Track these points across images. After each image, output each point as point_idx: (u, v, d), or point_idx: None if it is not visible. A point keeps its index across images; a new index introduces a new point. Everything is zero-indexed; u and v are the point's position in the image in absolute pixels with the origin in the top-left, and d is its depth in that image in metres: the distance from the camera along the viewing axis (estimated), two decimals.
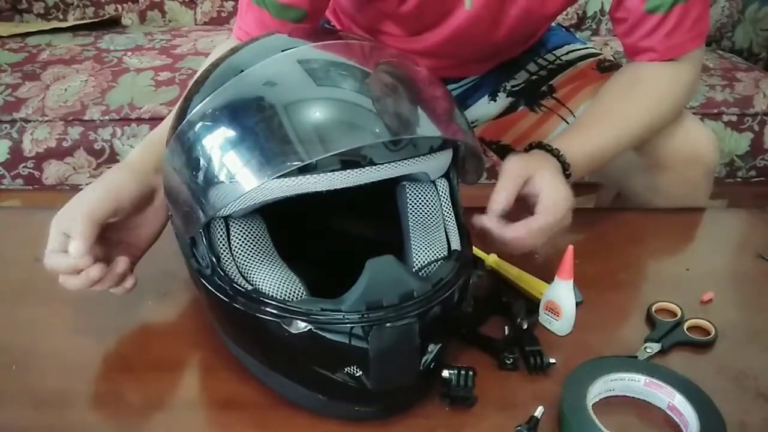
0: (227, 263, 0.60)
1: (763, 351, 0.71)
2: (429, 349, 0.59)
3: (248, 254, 0.60)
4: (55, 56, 1.63)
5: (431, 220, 0.66)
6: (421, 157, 0.62)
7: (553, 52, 1.11)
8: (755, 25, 1.88)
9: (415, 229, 0.65)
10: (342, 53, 0.63)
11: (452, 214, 0.68)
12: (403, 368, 0.57)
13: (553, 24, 1.16)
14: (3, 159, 1.45)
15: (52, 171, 1.46)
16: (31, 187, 1.48)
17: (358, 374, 0.56)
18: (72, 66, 1.58)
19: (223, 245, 0.60)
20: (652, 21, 0.87)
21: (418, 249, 0.64)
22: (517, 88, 1.10)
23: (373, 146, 0.59)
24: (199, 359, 0.68)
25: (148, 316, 0.73)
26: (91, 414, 0.62)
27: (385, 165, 0.60)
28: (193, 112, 0.60)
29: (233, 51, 0.66)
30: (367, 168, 0.59)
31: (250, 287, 0.59)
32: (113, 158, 1.46)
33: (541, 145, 0.81)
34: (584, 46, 1.12)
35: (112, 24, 1.89)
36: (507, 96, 1.11)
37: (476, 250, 0.82)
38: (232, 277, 0.60)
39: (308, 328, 0.56)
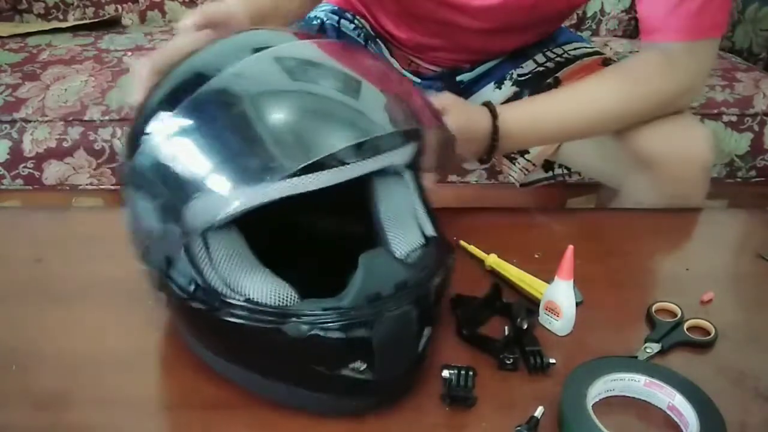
0: (210, 277, 0.59)
1: (763, 351, 0.71)
2: (423, 333, 0.60)
3: (233, 265, 0.59)
4: (55, 56, 1.63)
5: (403, 210, 0.67)
6: (389, 151, 0.63)
7: (562, 46, 1.12)
8: (755, 25, 1.88)
9: (389, 220, 0.66)
10: (308, 54, 0.64)
11: (420, 201, 0.68)
12: (404, 354, 0.59)
13: (561, 25, 1.17)
14: (3, 159, 1.45)
15: (52, 171, 1.46)
16: (31, 187, 1.48)
17: (361, 368, 0.57)
18: (72, 66, 1.58)
19: (203, 260, 0.59)
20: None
21: (397, 239, 0.65)
22: (523, 78, 1.11)
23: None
24: (199, 359, 0.68)
25: (149, 316, 0.73)
26: (91, 414, 0.62)
27: (355, 163, 0.59)
28: (163, 122, 0.58)
29: (196, 53, 0.65)
30: (337, 168, 0.58)
31: (242, 298, 0.58)
32: (113, 158, 1.46)
33: (487, 104, 0.89)
34: (591, 46, 1.14)
35: (112, 24, 1.89)
36: (512, 85, 1.11)
37: (476, 251, 0.82)
38: (220, 290, 0.58)
39: (312, 330, 0.55)
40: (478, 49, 1.10)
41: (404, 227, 0.66)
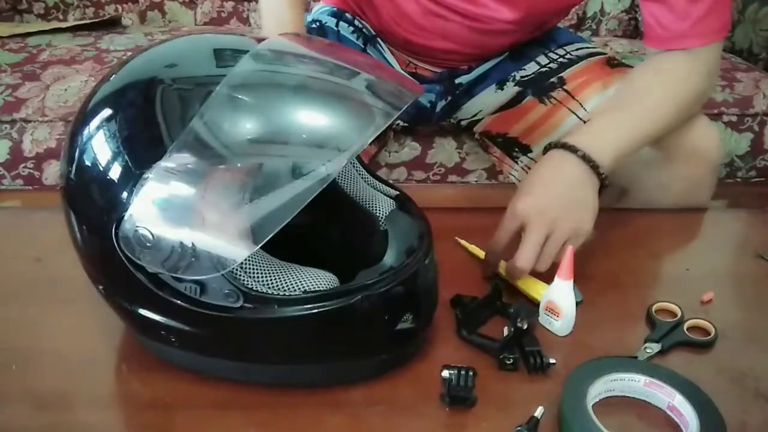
0: (253, 283, 0.58)
1: (763, 351, 0.71)
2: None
3: (266, 266, 0.59)
4: (55, 56, 1.63)
5: (363, 185, 0.72)
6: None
7: (564, 47, 1.12)
8: (755, 25, 1.88)
9: (361, 195, 0.71)
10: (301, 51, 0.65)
11: (366, 172, 0.73)
12: (435, 298, 0.66)
13: (560, 25, 1.16)
14: (3, 159, 1.45)
15: (52, 171, 1.46)
16: (31, 188, 1.48)
17: (409, 318, 0.62)
18: (72, 66, 1.58)
19: (244, 269, 0.58)
20: (680, 4, 0.87)
21: (378, 208, 0.70)
22: (526, 78, 1.11)
23: None
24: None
25: None
26: (91, 414, 0.62)
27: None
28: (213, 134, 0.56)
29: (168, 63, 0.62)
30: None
31: (299, 292, 0.58)
32: None
33: (565, 146, 0.80)
34: (593, 46, 1.14)
35: (112, 24, 1.89)
36: (515, 85, 1.11)
37: (476, 250, 0.82)
38: (270, 292, 0.58)
39: (377, 297, 0.59)
40: (475, 47, 1.10)
41: (375, 197, 0.71)
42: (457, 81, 1.15)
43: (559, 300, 0.70)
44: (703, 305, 0.77)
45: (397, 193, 0.73)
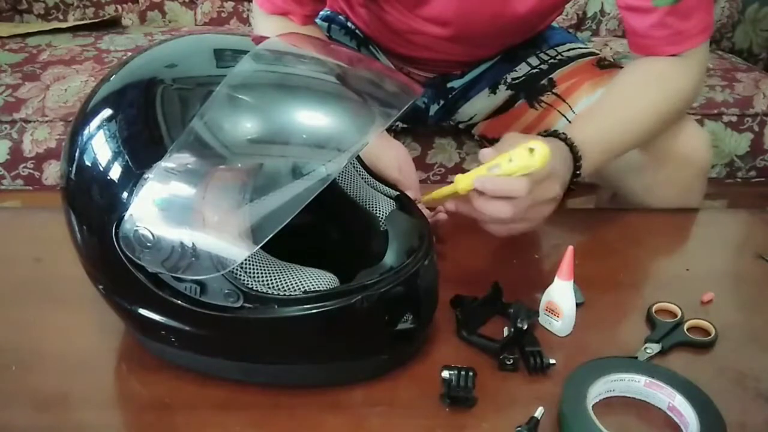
0: (254, 284, 0.58)
1: (763, 351, 0.71)
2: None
3: (267, 266, 0.59)
4: (55, 57, 1.63)
5: (363, 185, 0.72)
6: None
7: (555, 47, 1.11)
8: (755, 26, 1.88)
9: (361, 195, 0.71)
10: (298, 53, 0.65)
11: (366, 172, 0.74)
12: (435, 298, 0.66)
13: (554, 24, 1.16)
14: (3, 159, 1.45)
15: (52, 171, 1.46)
16: (31, 188, 1.48)
17: (409, 319, 0.62)
18: (72, 66, 1.58)
19: (244, 269, 0.58)
20: (658, 13, 0.87)
21: (378, 209, 0.70)
22: (517, 81, 1.11)
23: None
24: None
25: None
26: (91, 414, 0.62)
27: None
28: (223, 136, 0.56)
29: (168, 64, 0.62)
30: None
31: (299, 292, 0.58)
32: None
33: (554, 133, 0.80)
34: (585, 46, 1.13)
35: (112, 24, 1.89)
36: (507, 89, 1.11)
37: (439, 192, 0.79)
38: (271, 292, 0.58)
39: (377, 297, 0.59)
40: (462, 55, 1.09)
41: (375, 198, 0.71)
42: (449, 85, 1.15)
43: (559, 300, 0.70)
44: (703, 305, 0.77)
45: (397, 193, 0.73)
